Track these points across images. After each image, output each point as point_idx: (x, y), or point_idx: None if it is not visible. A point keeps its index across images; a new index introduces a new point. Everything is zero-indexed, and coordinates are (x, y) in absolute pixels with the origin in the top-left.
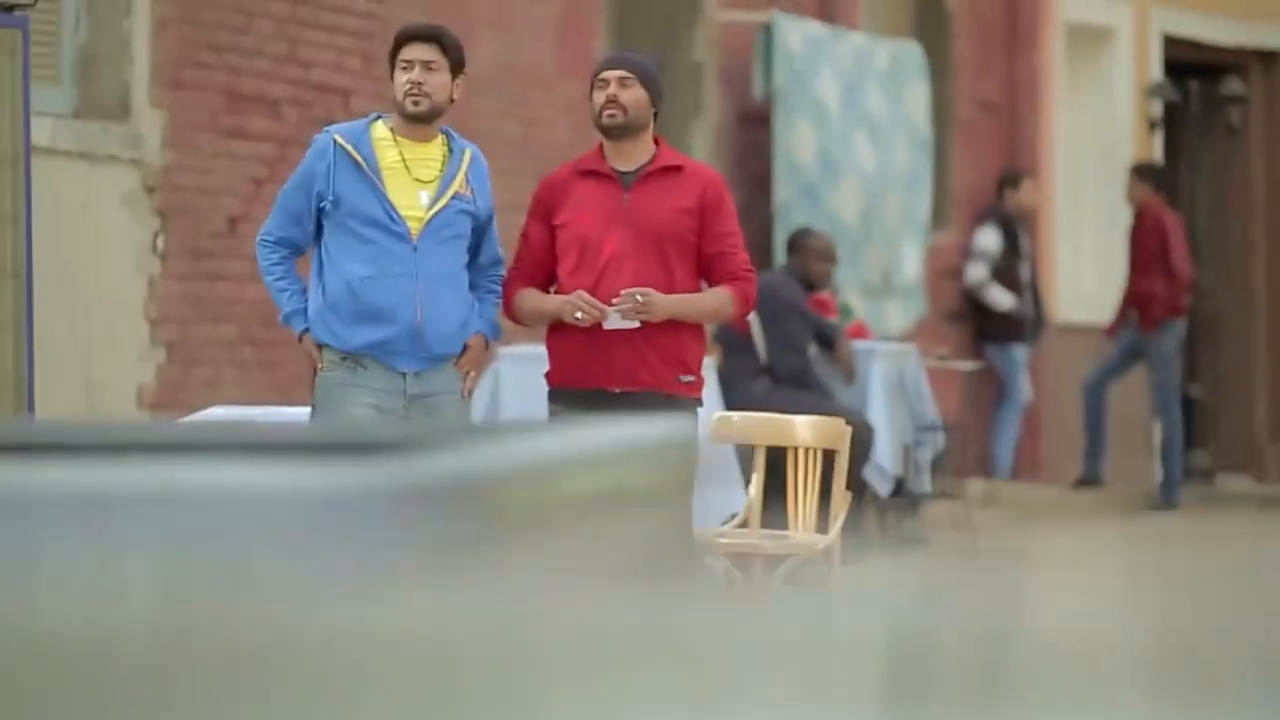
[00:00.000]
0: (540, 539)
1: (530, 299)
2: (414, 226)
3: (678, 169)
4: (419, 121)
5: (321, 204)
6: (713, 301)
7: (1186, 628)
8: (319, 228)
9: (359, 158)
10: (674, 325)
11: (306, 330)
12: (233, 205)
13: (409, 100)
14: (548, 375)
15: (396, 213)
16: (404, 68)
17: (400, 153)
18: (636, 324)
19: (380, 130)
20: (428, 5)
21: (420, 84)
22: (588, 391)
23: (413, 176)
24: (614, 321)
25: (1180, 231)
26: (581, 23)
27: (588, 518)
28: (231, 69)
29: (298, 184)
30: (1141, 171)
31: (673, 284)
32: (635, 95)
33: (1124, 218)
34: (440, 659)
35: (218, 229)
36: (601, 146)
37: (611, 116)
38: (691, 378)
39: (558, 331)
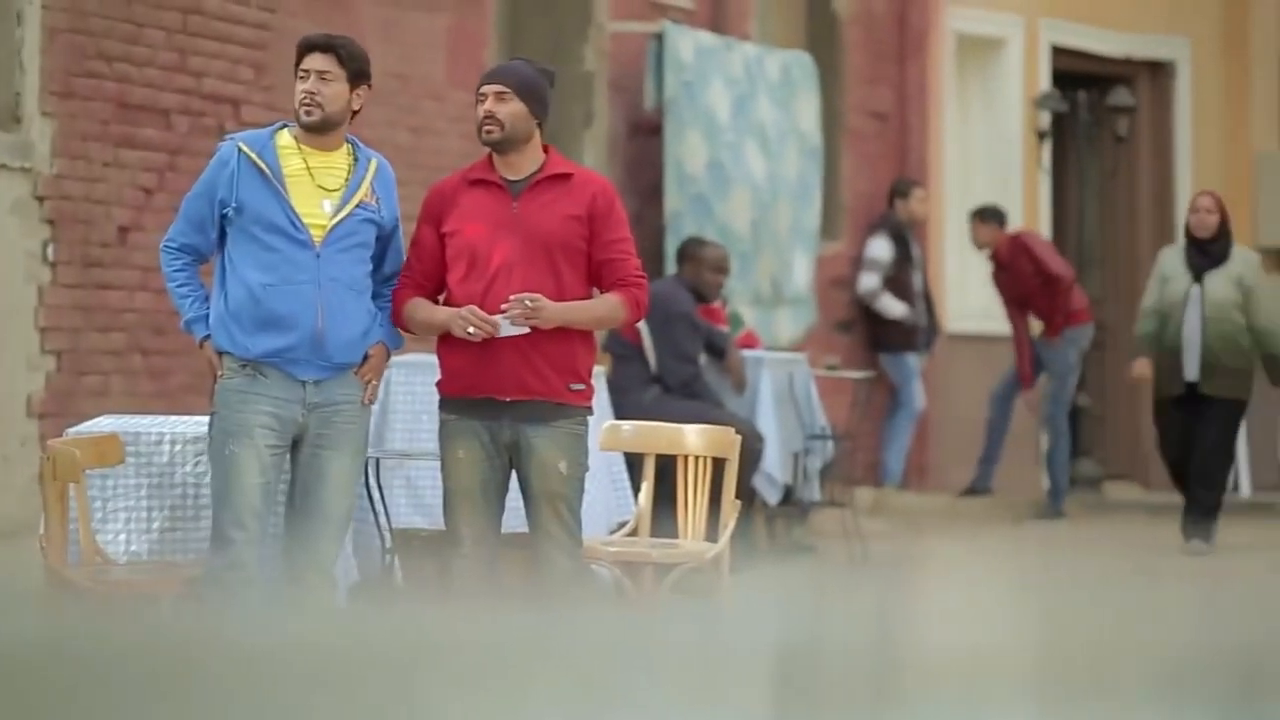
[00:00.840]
0: None
1: (421, 310)
2: (317, 234)
3: (566, 177)
4: (314, 131)
5: (224, 211)
6: (603, 308)
7: (1072, 635)
8: (222, 235)
9: (263, 165)
10: (564, 333)
11: (207, 337)
12: (123, 214)
13: (302, 110)
14: (439, 384)
15: (299, 220)
16: (301, 77)
17: (304, 161)
18: (526, 330)
19: (285, 138)
20: (318, 15)
21: (314, 94)
22: (478, 400)
23: (317, 184)
24: (504, 329)
25: (1041, 240)
26: (472, 33)
27: None
28: (122, 78)
29: (201, 191)
30: (983, 214)
31: (562, 291)
32: (512, 109)
33: (1014, 228)
34: (341, 667)
35: (108, 238)
36: (491, 156)
37: (489, 132)
38: (582, 386)
39: (448, 340)
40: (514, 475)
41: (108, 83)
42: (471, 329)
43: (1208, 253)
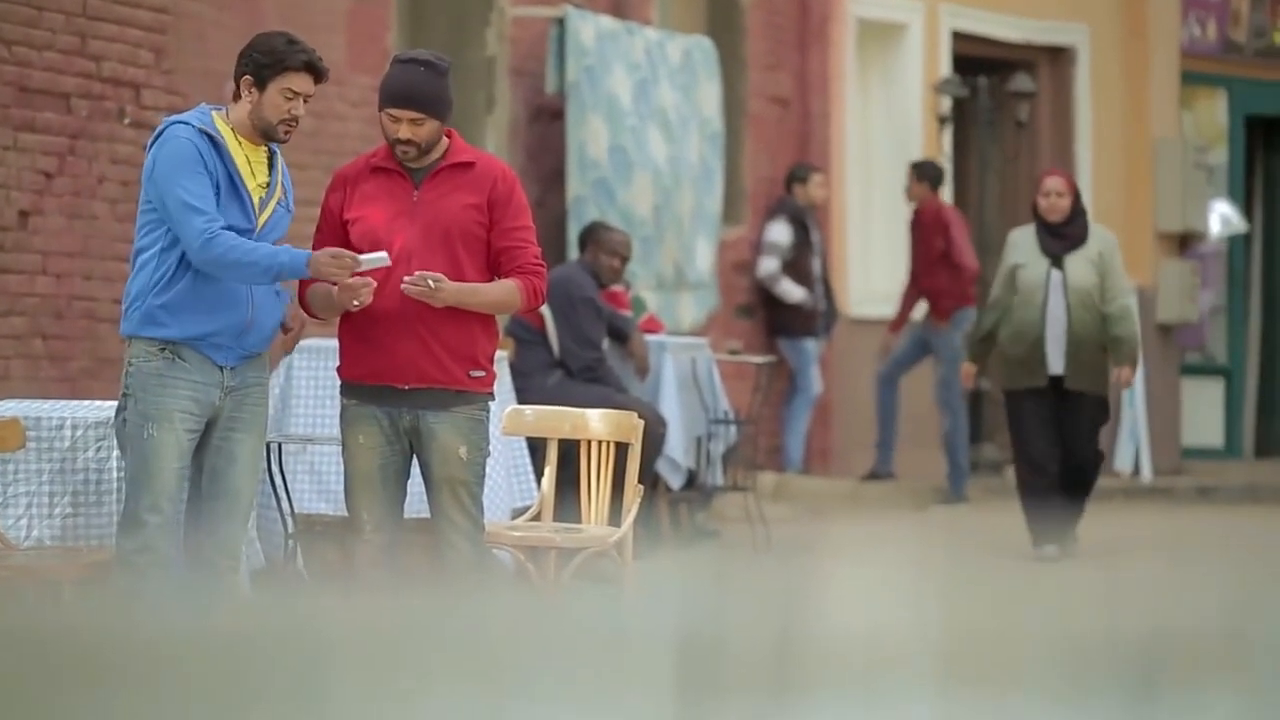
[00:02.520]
0: None
1: (317, 293)
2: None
3: (469, 165)
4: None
5: (217, 190)
6: (498, 292)
7: (973, 620)
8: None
9: (220, 149)
10: (464, 320)
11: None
12: (23, 198)
13: (283, 127)
14: (338, 369)
15: (254, 210)
16: (289, 97)
17: (245, 154)
18: (387, 263)
19: (223, 126)
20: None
21: (298, 119)
22: (377, 386)
23: (256, 179)
24: (363, 263)
25: (962, 226)
26: (373, 17)
27: None
28: (22, 61)
29: (194, 171)
30: (920, 169)
31: (462, 278)
32: (428, 131)
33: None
34: (241, 656)
35: (8, 222)
36: None
37: (405, 153)
38: (482, 373)
39: (348, 325)
40: (415, 460)
41: (7, 66)
42: (356, 302)
43: (1064, 235)
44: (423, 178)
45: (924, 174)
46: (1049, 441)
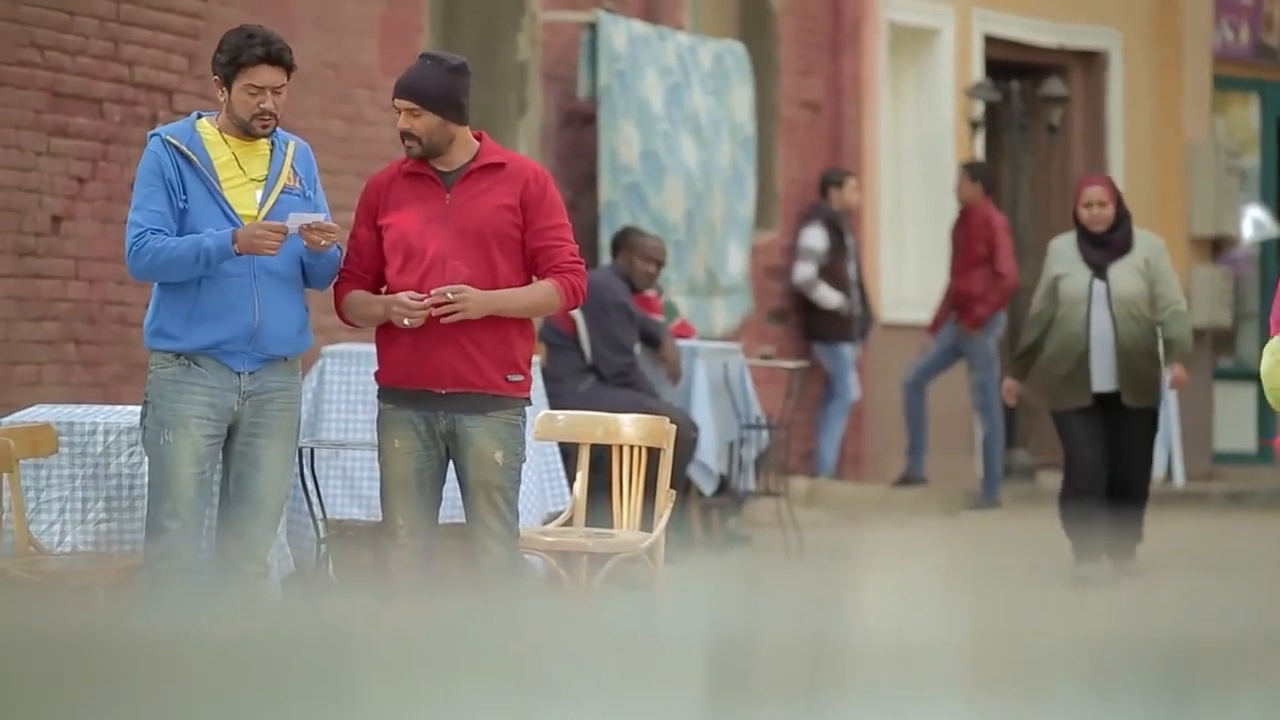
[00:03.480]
0: None
1: (357, 302)
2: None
3: (499, 166)
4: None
5: (183, 203)
6: (534, 295)
7: (1004, 625)
8: None
9: (193, 157)
10: (500, 324)
11: (230, 233)
12: (56, 204)
13: (257, 123)
14: (377, 374)
15: (234, 212)
16: (253, 92)
17: (232, 152)
18: (317, 218)
19: (208, 130)
20: (251, 4)
21: (271, 112)
22: (414, 391)
23: (246, 175)
24: (291, 225)
25: (1007, 233)
26: (406, 21)
27: None
28: (55, 67)
29: (153, 183)
30: (972, 170)
31: (497, 282)
32: (426, 123)
33: (947, 217)
34: (270, 658)
35: (41, 227)
36: None
37: (409, 147)
38: (520, 377)
39: (385, 331)
40: (451, 465)
41: (40, 71)
42: (407, 321)
43: (1108, 243)
44: (454, 181)
45: (976, 174)
46: (1100, 461)
